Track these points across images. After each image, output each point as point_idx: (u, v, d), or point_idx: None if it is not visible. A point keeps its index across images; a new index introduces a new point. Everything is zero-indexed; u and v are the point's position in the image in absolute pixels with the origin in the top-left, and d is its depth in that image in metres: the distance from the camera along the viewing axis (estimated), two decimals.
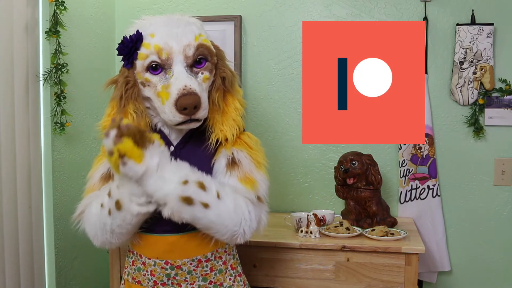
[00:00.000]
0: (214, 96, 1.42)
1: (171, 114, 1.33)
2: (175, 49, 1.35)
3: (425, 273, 2.27)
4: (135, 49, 1.37)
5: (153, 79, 1.36)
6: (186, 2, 2.45)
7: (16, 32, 1.88)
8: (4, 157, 1.83)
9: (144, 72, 1.37)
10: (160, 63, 1.35)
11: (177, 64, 1.35)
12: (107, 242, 1.40)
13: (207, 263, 1.45)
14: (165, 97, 1.33)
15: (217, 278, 1.47)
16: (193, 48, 1.37)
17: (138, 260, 1.46)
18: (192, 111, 1.32)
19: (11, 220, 1.87)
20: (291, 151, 2.39)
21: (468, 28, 2.17)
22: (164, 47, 1.35)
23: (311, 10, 2.35)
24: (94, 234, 1.40)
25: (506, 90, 2.18)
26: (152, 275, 1.43)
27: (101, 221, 1.35)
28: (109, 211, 1.32)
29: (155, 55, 1.35)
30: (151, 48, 1.35)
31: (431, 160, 2.24)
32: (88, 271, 2.30)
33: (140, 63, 1.37)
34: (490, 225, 2.25)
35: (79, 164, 2.22)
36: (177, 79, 1.33)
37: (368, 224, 2.04)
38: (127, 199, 1.29)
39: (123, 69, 1.43)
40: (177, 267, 1.42)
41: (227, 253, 1.51)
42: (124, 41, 1.38)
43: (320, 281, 1.85)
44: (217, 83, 1.44)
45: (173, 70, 1.35)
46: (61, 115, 2.06)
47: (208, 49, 1.40)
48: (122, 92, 1.40)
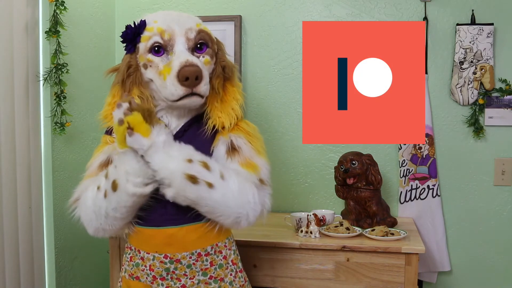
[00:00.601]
0: (214, 83, 1.44)
1: (173, 87, 1.33)
2: (177, 31, 1.38)
3: (425, 273, 2.27)
4: (138, 34, 1.40)
5: (155, 60, 1.38)
6: (186, 2, 2.45)
7: (16, 32, 1.88)
8: (4, 157, 1.83)
9: (147, 53, 1.38)
10: (163, 43, 1.37)
11: (178, 45, 1.38)
12: (100, 229, 1.40)
13: (207, 257, 1.45)
14: (167, 72, 1.34)
15: (217, 273, 1.46)
16: (195, 31, 1.40)
17: (137, 256, 1.46)
18: (194, 82, 1.32)
19: (11, 220, 1.87)
20: (291, 151, 2.39)
21: (468, 28, 2.17)
22: (166, 29, 1.38)
23: (311, 10, 2.35)
24: (88, 219, 1.40)
25: (506, 90, 2.18)
26: (151, 270, 1.43)
27: (96, 204, 1.36)
28: (105, 193, 1.33)
29: (157, 36, 1.37)
30: (154, 30, 1.38)
31: (431, 160, 2.24)
32: (88, 271, 2.30)
33: (143, 45, 1.39)
34: (490, 225, 2.25)
35: (79, 164, 2.22)
36: (179, 56, 1.35)
37: (368, 224, 2.04)
38: (123, 179, 1.30)
39: (125, 56, 1.44)
40: (176, 261, 1.41)
41: (227, 247, 1.50)
42: (127, 27, 1.41)
43: (320, 281, 1.85)
44: (217, 71, 1.45)
45: (175, 50, 1.37)
46: (61, 115, 2.06)
47: (209, 35, 1.44)
48: (124, 76, 1.42)
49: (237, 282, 1.50)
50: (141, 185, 1.30)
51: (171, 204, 1.36)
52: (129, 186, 1.30)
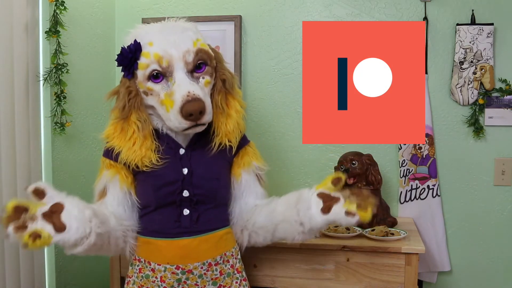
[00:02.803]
0: (217, 99, 1.44)
1: (177, 121, 1.33)
2: (175, 56, 1.35)
3: (425, 273, 2.27)
4: (134, 60, 1.37)
5: (156, 88, 1.36)
6: (186, 2, 2.45)
7: (16, 32, 1.88)
8: (4, 157, 1.83)
9: (146, 81, 1.37)
10: (161, 71, 1.36)
11: (178, 71, 1.36)
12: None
13: (217, 267, 1.47)
14: (170, 105, 1.33)
15: (225, 282, 1.49)
16: (193, 53, 1.37)
17: (146, 267, 1.46)
18: (198, 117, 1.33)
19: None
20: (291, 151, 2.39)
21: (468, 28, 2.17)
22: (164, 55, 1.35)
23: (311, 10, 2.35)
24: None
25: (506, 90, 2.18)
26: (162, 281, 1.43)
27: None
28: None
29: (155, 64, 1.35)
30: (151, 57, 1.35)
31: (431, 160, 2.24)
32: (88, 271, 2.30)
33: (141, 73, 1.37)
34: (490, 225, 2.25)
35: (79, 164, 2.22)
36: (180, 86, 1.33)
37: (368, 224, 2.03)
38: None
39: (124, 79, 1.43)
40: (188, 272, 1.43)
41: (234, 256, 1.53)
42: (123, 52, 1.39)
43: (320, 281, 1.85)
44: (218, 86, 1.45)
45: (175, 77, 1.35)
46: (61, 115, 2.06)
47: (207, 54, 1.41)
48: (125, 102, 1.40)
49: None
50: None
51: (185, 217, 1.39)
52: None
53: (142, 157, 1.38)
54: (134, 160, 1.38)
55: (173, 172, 1.41)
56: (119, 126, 1.41)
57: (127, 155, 1.39)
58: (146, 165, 1.39)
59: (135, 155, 1.38)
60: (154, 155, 1.39)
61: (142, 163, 1.38)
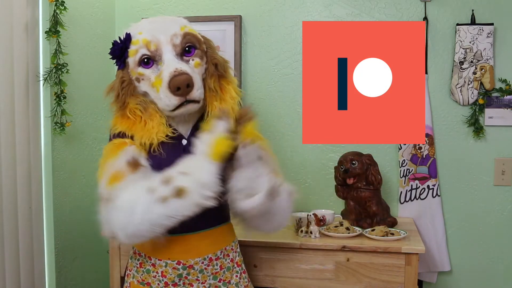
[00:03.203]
0: (209, 82, 1.43)
1: (167, 98, 1.33)
2: (162, 40, 1.37)
3: (425, 273, 2.27)
4: (125, 48, 1.39)
5: (146, 72, 1.37)
6: (186, 2, 2.45)
7: (16, 32, 1.88)
8: (4, 157, 1.83)
9: (137, 67, 1.38)
10: (150, 55, 1.37)
11: (166, 53, 1.37)
12: (137, 235, 1.28)
13: (217, 261, 1.47)
14: (159, 84, 1.34)
15: (225, 276, 1.50)
16: (180, 36, 1.38)
17: (147, 262, 1.46)
18: (186, 90, 1.32)
19: (11, 220, 1.87)
20: (291, 151, 2.39)
21: (468, 28, 2.17)
22: (151, 39, 1.37)
23: (311, 10, 2.35)
24: (124, 222, 1.26)
25: (506, 90, 2.18)
26: (163, 276, 1.43)
27: (146, 207, 1.24)
28: (162, 198, 1.23)
29: (144, 48, 1.37)
30: (140, 42, 1.37)
31: (431, 160, 2.24)
32: (88, 271, 2.30)
33: (132, 60, 1.39)
34: (490, 225, 2.25)
35: (79, 164, 2.22)
36: (168, 66, 1.34)
37: (368, 224, 2.04)
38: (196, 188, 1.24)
39: (118, 71, 1.44)
40: (189, 267, 1.43)
41: (233, 250, 1.54)
42: (114, 43, 1.41)
43: (320, 281, 1.85)
44: (210, 70, 1.44)
45: (164, 60, 1.36)
46: (61, 115, 2.06)
47: (195, 37, 1.42)
48: (118, 90, 1.41)
49: (242, 283, 1.54)
50: (209, 199, 1.26)
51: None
52: (199, 197, 1.25)
53: (157, 132, 1.37)
54: (149, 137, 1.36)
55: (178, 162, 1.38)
56: (123, 115, 1.41)
57: (141, 135, 1.37)
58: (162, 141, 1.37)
59: (150, 133, 1.37)
60: (167, 128, 1.39)
61: (157, 139, 1.37)
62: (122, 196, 1.27)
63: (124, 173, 1.32)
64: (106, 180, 1.32)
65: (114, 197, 1.28)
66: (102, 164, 1.38)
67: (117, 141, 1.40)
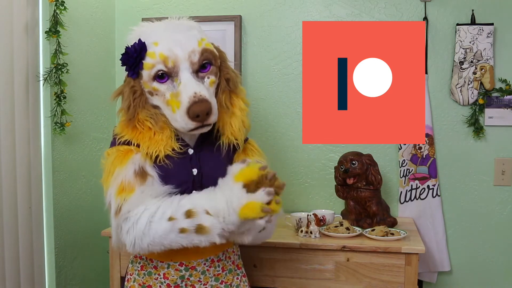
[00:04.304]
0: (221, 98, 1.43)
1: (183, 122, 1.33)
2: (180, 57, 1.35)
3: (425, 273, 2.27)
4: (140, 59, 1.36)
5: (161, 88, 1.36)
6: (186, 2, 2.45)
7: (16, 32, 1.88)
8: (4, 157, 1.83)
9: (151, 81, 1.36)
10: (167, 71, 1.35)
11: (183, 71, 1.35)
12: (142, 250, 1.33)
13: (219, 263, 1.48)
14: (176, 105, 1.33)
15: (227, 278, 1.50)
16: (198, 53, 1.37)
17: (148, 265, 1.46)
18: (205, 118, 1.32)
19: (11, 220, 1.87)
20: (291, 151, 2.39)
21: (468, 28, 2.17)
22: (169, 55, 1.34)
23: (311, 10, 2.35)
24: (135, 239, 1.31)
25: (506, 90, 2.18)
26: (165, 278, 1.44)
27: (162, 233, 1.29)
28: (181, 229, 1.28)
29: (161, 64, 1.34)
30: (157, 57, 1.35)
31: (431, 160, 2.24)
32: (88, 271, 2.30)
33: (147, 73, 1.36)
34: (490, 225, 2.25)
35: (79, 164, 2.22)
36: (186, 87, 1.33)
37: (368, 224, 2.04)
38: (217, 230, 1.28)
39: (128, 78, 1.42)
40: (192, 268, 1.44)
41: (234, 253, 1.56)
42: (128, 51, 1.38)
43: (320, 281, 1.85)
44: (222, 85, 1.44)
45: (180, 77, 1.35)
46: (61, 115, 2.06)
47: (212, 53, 1.41)
48: (130, 102, 1.39)
49: (242, 286, 1.54)
50: (225, 239, 1.31)
51: None
52: (217, 238, 1.29)
53: (164, 146, 1.37)
54: (157, 149, 1.36)
55: (183, 173, 1.41)
56: (130, 125, 1.40)
57: (147, 145, 1.36)
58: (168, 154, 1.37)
59: (157, 145, 1.36)
60: (175, 143, 1.38)
61: (164, 152, 1.36)
62: (136, 211, 1.31)
63: (133, 184, 1.34)
64: (115, 191, 1.34)
65: (125, 212, 1.32)
66: (108, 170, 1.39)
67: (122, 148, 1.39)
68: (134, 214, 1.30)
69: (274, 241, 1.85)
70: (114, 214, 1.33)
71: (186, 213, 1.28)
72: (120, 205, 1.32)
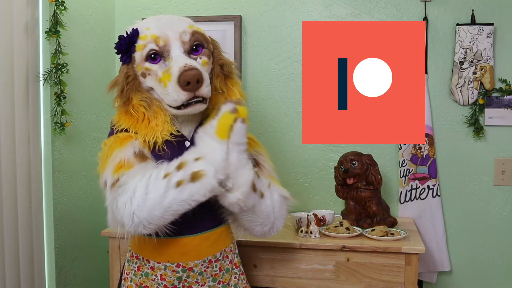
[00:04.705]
0: (215, 83, 1.44)
1: (175, 93, 1.32)
2: (171, 36, 1.37)
3: (425, 273, 2.27)
4: (132, 43, 1.38)
5: (154, 67, 1.37)
6: (186, 2, 2.45)
7: (16, 32, 1.88)
8: (4, 157, 1.83)
9: (144, 62, 1.38)
10: (158, 50, 1.36)
11: (175, 50, 1.36)
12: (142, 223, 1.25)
13: (217, 263, 1.47)
14: (167, 78, 1.33)
15: (224, 278, 1.49)
16: (189, 34, 1.39)
17: (145, 265, 1.45)
18: (195, 86, 1.31)
19: (11, 220, 1.87)
20: (291, 151, 2.39)
21: (468, 28, 2.17)
22: (160, 35, 1.37)
23: (311, 10, 2.35)
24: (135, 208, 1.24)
25: (506, 90, 2.18)
26: (162, 279, 1.43)
27: (161, 191, 1.24)
28: (178, 182, 1.24)
29: (152, 43, 1.36)
30: (148, 37, 1.37)
31: (431, 160, 2.24)
32: (88, 271, 2.30)
33: (139, 54, 1.38)
34: (490, 225, 2.25)
35: (79, 164, 2.22)
36: (177, 61, 1.34)
37: (368, 224, 2.04)
38: (211, 171, 1.25)
39: (122, 67, 1.43)
40: (189, 269, 1.42)
41: (232, 252, 1.54)
42: (120, 38, 1.40)
43: (320, 281, 1.85)
44: (216, 70, 1.45)
45: (172, 56, 1.36)
46: (61, 115, 2.06)
47: (203, 36, 1.43)
48: (123, 85, 1.40)
49: (240, 285, 1.53)
50: (221, 183, 1.28)
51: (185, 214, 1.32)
52: (214, 180, 1.26)
53: (161, 131, 1.36)
54: (154, 135, 1.35)
55: None
56: (126, 112, 1.40)
57: (145, 133, 1.36)
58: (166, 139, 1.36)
59: (154, 131, 1.36)
60: (171, 126, 1.38)
61: (162, 137, 1.36)
62: (132, 182, 1.26)
63: (132, 162, 1.31)
64: (113, 168, 1.31)
65: (123, 183, 1.27)
66: (105, 155, 1.36)
67: (121, 134, 1.38)
68: (130, 186, 1.26)
69: (274, 241, 1.85)
70: (110, 187, 1.29)
71: (178, 166, 1.27)
72: (118, 178, 1.28)
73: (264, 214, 1.42)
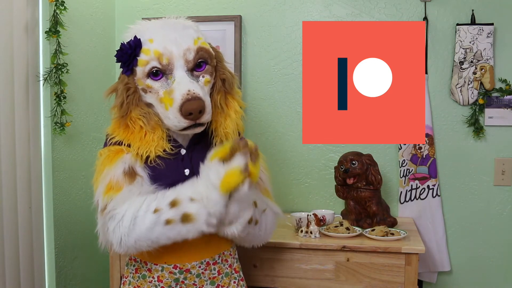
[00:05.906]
0: (216, 99, 1.42)
1: (176, 120, 1.32)
2: (175, 54, 1.34)
3: (425, 273, 2.27)
4: (134, 56, 1.36)
5: (155, 85, 1.35)
6: (186, 2, 2.45)
7: (16, 32, 1.88)
8: (4, 157, 1.83)
9: (145, 78, 1.36)
10: (161, 68, 1.34)
11: (178, 69, 1.34)
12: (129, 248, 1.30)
13: (215, 266, 1.46)
14: (169, 103, 1.32)
15: (223, 282, 1.48)
16: (193, 52, 1.36)
17: (143, 267, 1.45)
18: (197, 116, 1.31)
19: (11, 220, 1.87)
20: (291, 151, 2.39)
21: (468, 28, 2.17)
22: (164, 52, 1.34)
23: (311, 10, 2.35)
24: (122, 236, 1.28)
25: (506, 90, 2.18)
26: (160, 281, 1.42)
27: (149, 226, 1.26)
28: (167, 220, 1.26)
29: (155, 61, 1.34)
30: (151, 54, 1.34)
31: (431, 160, 2.24)
32: (88, 271, 2.30)
33: (141, 70, 1.35)
34: (490, 225, 2.25)
35: (79, 164, 2.22)
36: (180, 84, 1.32)
37: (368, 224, 2.04)
38: (202, 216, 1.25)
39: (123, 76, 1.41)
40: (186, 271, 1.42)
41: (232, 256, 1.53)
42: (122, 48, 1.37)
43: (320, 281, 1.85)
44: (217, 85, 1.43)
45: (174, 75, 1.34)
46: (61, 115, 2.06)
47: (208, 52, 1.40)
48: (123, 99, 1.38)
49: None
50: (213, 226, 1.28)
51: None
52: (204, 226, 1.27)
53: (155, 146, 1.36)
54: (147, 150, 1.35)
55: (175, 173, 1.40)
56: (122, 123, 1.39)
57: (138, 146, 1.36)
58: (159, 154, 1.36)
59: (148, 145, 1.35)
60: (166, 144, 1.38)
61: (155, 152, 1.36)
62: (121, 209, 1.29)
63: (121, 184, 1.33)
64: (103, 189, 1.33)
65: (112, 209, 1.30)
66: (98, 170, 1.38)
67: (113, 148, 1.39)
68: (119, 212, 1.28)
69: (274, 241, 1.85)
70: (100, 212, 1.32)
71: (171, 203, 1.27)
72: (107, 203, 1.31)
73: (256, 237, 1.48)
